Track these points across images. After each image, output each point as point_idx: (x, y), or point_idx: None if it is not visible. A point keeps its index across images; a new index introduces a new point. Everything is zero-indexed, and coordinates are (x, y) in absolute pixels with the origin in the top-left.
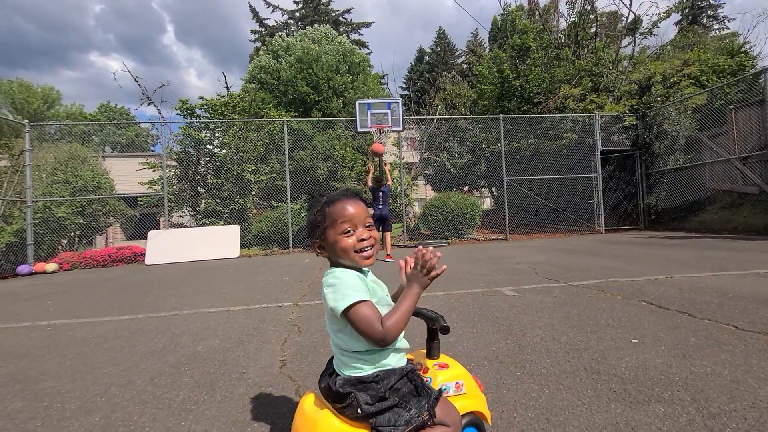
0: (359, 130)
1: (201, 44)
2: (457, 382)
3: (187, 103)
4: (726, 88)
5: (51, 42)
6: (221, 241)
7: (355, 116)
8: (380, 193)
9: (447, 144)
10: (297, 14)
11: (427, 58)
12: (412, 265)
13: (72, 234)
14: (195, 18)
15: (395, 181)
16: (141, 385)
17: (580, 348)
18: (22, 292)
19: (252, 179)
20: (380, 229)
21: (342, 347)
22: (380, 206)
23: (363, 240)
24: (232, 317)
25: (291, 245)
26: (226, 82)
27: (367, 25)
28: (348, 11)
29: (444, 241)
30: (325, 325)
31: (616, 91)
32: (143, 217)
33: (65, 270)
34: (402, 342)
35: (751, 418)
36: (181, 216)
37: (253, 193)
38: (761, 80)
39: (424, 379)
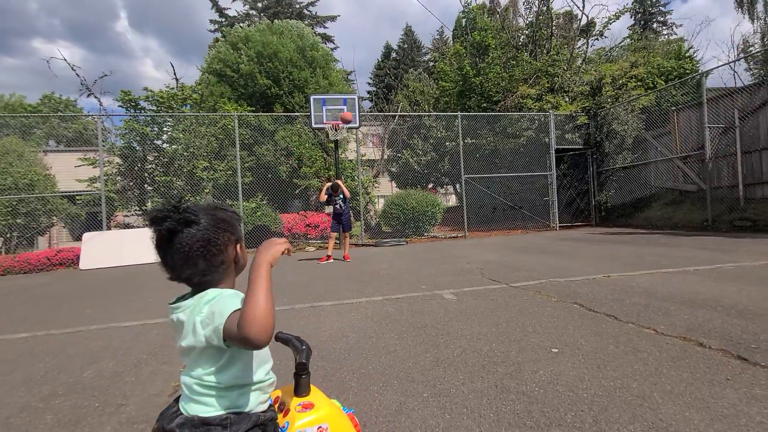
0: (314, 125)
1: (157, 33)
2: (319, 427)
3: (130, 95)
4: (672, 90)
5: None
6: None
7: (310, 112)
8: (339, 198)
9: (411, 141)
10: (259, 5)
11: (394, 54)
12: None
13: (8, 235)
14: (150, 3)
15: (354, 178)
16: None
17: (498, 360)
18: None
19: (205, 177)
20: (341, 230)
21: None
22: (341, 207)
23: None
24: (143, 332)
25: None
26: (174, 73)
27: (333, 18)
28: (312, 3)
29: (402, 239)
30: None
31: (571, 91)
32: (90, 217)
33: None
34: (269, 376)
35: None
36: (126, 216)
37: (207, 191)
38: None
39: (281, 426)
